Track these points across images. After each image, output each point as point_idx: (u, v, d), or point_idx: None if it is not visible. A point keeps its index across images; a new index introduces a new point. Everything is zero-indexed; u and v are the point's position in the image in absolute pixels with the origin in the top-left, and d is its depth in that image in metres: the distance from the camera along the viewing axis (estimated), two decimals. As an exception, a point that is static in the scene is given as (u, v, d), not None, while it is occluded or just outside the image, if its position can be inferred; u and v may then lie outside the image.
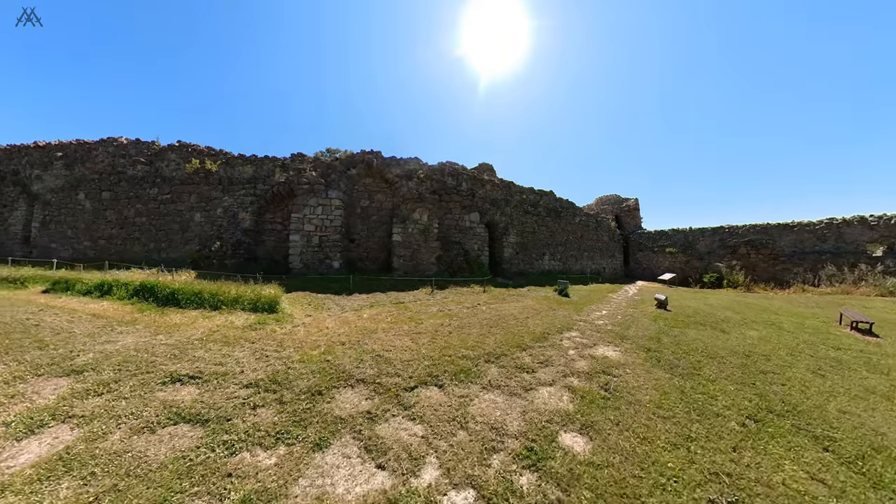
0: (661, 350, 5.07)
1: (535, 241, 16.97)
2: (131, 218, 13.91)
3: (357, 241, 12.20)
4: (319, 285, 9.46)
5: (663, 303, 8.82)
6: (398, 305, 7.66)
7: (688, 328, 6.59)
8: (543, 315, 7.41)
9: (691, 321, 7.29)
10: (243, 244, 11.85)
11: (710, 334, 6.20)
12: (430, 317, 6.68)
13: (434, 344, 4.91)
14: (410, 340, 5.03)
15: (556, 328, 6.19)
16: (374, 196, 12.37)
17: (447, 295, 9.26)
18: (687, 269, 20.16)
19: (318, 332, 5.55)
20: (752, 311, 9.04)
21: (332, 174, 11.67)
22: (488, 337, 5.40)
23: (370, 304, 7.74)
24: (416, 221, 11.15)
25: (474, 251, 13.40)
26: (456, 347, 4.76)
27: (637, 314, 8.03)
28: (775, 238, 18.81)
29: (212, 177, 13.32)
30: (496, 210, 14.88)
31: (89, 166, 14.63)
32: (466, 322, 6.30)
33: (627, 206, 23.49)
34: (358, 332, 5.46)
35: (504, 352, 4.70)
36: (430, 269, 11.19)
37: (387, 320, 6.32)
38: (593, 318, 7.41)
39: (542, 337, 5.59)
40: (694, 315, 8.01)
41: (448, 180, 13.52)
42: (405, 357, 4.34)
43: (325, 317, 6.71)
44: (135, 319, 6.63)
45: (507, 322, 6.46)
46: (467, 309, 7.66)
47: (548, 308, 8.30)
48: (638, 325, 6.71)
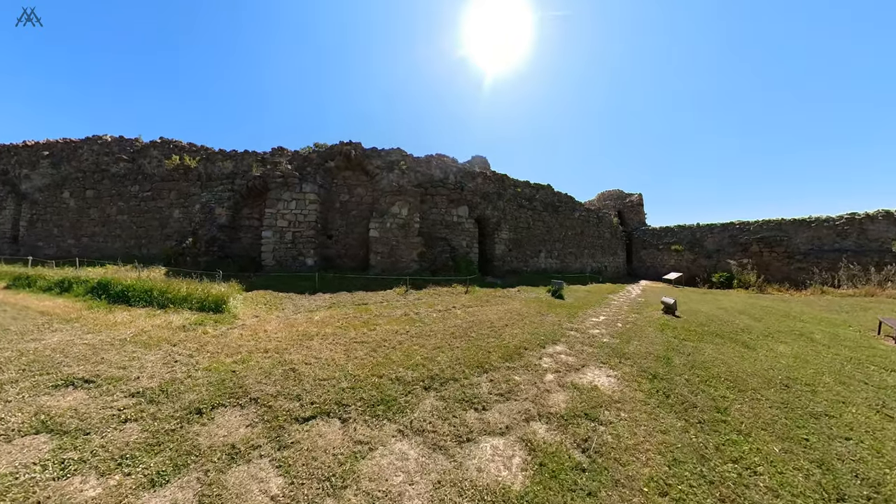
0: (671, 377, 3.90)
1: (531, 237, 16.14)
2: (113, 216, 13.73)
3: (335, 238, 11.66)
4: (287, 283, 8.97)
5: (671, 307, 7.78)
6: (359, 307, 7.04)
7: (703, 341, 5.50)
8: (528, 322, 6.44)
9: (706, 331, 6.17)
10: (218, 241, 11.42)
11: (733, 351, 5.03)
12: (389, 322, 5.99)
13: (370, 358, 4.16)
14: (344, 352, 4.36)
15: (538, 340, 5.22)
16: (354, 190, 11.81)
17: (422, 296, 8.47)
18: (694, 268, 19.03)
19: (250, 336, 5.00)
20: (773, 316, 7.97)
21: (308, 167, 11.16)
22: (445, 351, 4.47)
23: (329, 305, 7.17)
24: (395, 216, 10.49)
25: (462, 248, 12.71)
26: (395, 365, 3.97)
27: (640, 321, 7.00)
28: (790, 235, 17.55)
29: (191, 173, 13.01)
30: (487, 204, 14.12)
31: (75, 165, 14.53)
32: (428, 330, 5.50)
33: (631, 202, 22.30)
34: (293, 338, 4.92)
35: (456, 374, 3.76)
36: (411, 268, 10.53)
37: (336, 324, 5.71)
38: (587, 327, 6.40)
39: (517, 353, 4.56)
40: (708, 323, 6.92)
41: (435, 173, 12.88)
42: (323, 374, 3.66)
43: (272, 318, 6.23)
44: (79, 317, 6.40)
45: (478, 331, 5.57)
46: (438, 313, 6.86)
47: (535, 312, 7.39)
48: (641, 337, 5.63)
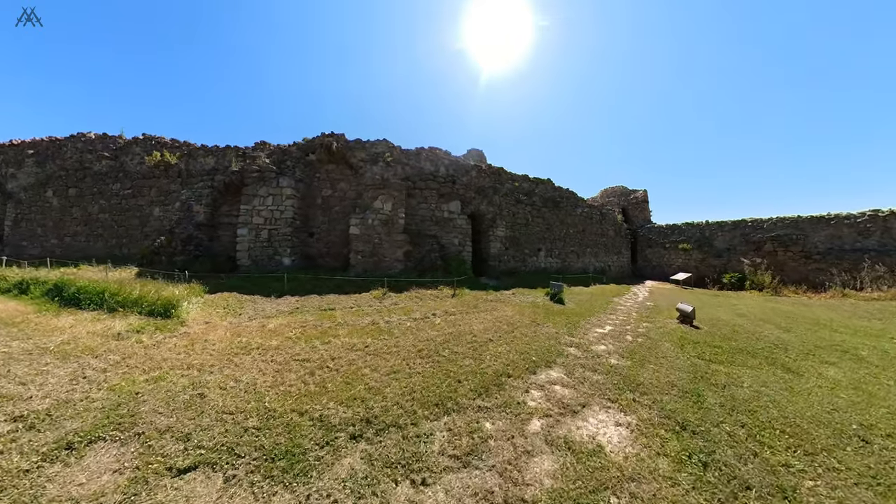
0: (707, 428, 2.72)
1: (529, 234, 15.29)
2: (95, 214, 13.36)
3: (317, 236, 11.05)
4: (258, 284, 8.40)
5: (688, 316, 6.66)
6: (324, 313, 6.37)
7: (735, 364, 4.41)
8: (518, 335, 5.37)
9: (735, 349, 5.07)
10: (195, 239, 10.91)
11: (776, 379, 3.92)
12: (350, 332, 5.21)
13: (301, 385, 3.36)
14: (275, 374, 3.63)
15: (527, 362, 4.14)
16: (338, 184, 11.19)
17: (401, 300, 7.66)
18: (703, 268, 17.98)
19: (183, 348, 4.46)
20: (801, 325, 6.90)
21: (287, 160, 10.58)
22: (400, 378, 3.53)
23: (292, 310, 6.54)
24: (378, 211, 9.80)
25: (454, 246, 11.98)
26: (328, 396, 3.11)
27: (654, 334, 5.90)
28: (807, 233, 16.39)
29: (171, 169, 12.55)
30: (482, 199, 13.33)
31: (59, 163, 14.22)
32: (393, 345, 4.62)
33: (635, 199, 21.23)
34: (227, 352, 4.33)
35: (403, 417, 2.77)
36: (395, 268, 9.84)
37: (287, 334, 5.06)
38: (591, 341, 5.32)
39: (496, 383, 3.49)
40: (734, 336, 5.82)
41: (425, 165, 12.18)
42: (232, 405, 2.95)
43: (223, 324, 5.69)
44: (22, 321, 5.98)
45: (454, 348, 4.58)
46: (413, 322, 5.97)
47: (529, 322, 6.31)
48: (658, 358, 4.54)
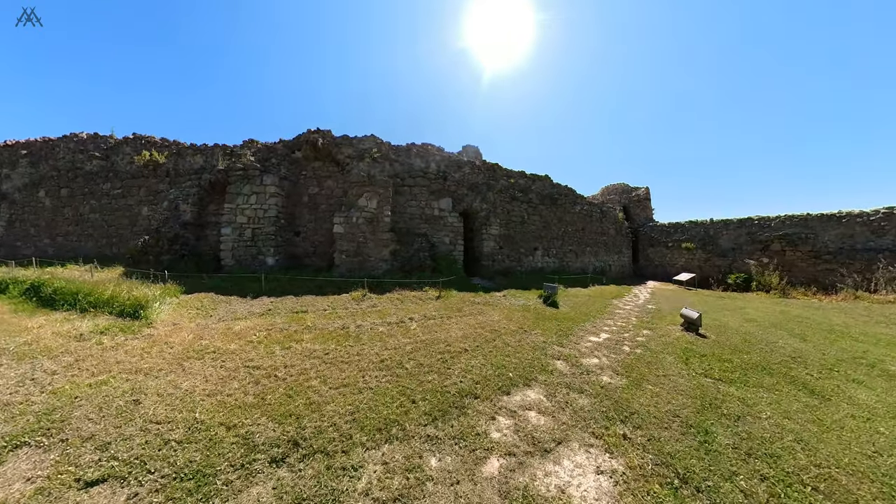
0: (715, 481, 2.19)
1: (525, 232, 14.83)
2: (86, 214, 13.35)
3: (304, 235, 10.81)
4: (238, 284, 8.21)
5: (694, 323, 6.04)
6: (295, 316, 6.15)
7: (749, 384, 3.84)
8: (500, 344, 4.93)
9: (748, 364, 4.49)
10: (181, 238, 10.75)
11: (800, 406, 3.32)
12: (315, 338, 4.98)
13: (240, 395, 3.18)
14: (218, 381, 3.50)
15: (502, 379, 3.64)
16: (324, 182, 10.94)
17: (381, 302, 7.30)
18: (706, 268, 17.38)
19: (141, 350, 4.36)
20: (816, 333, 6.35)
21: (272, 158, 10.36)
22: (348, 394, 3.15)
23: (264, 312, 6.34)
24: (363, 209, 9.51)
25: (444, 245, 11.66)
26: (263, 410, 2.90)
27: (655, 344, 5.39)
28: (817, 232, 15.67)
29: (160, 169, 12.45)
30: (475, 196, 12.92)
31: (52, 163, 14.23)
32: (355, 353, 4.30)
33: (637, 196, 20.59)
34: (181, 356, 4.17)
35: (335, 441, 2.45)
36: (380, 268, 9.54)
37: (249, 338, 4.88)
38: (582, 352, 4.80)
39: (458, 404, 3.03)
40: (745, 347, 5.27)
41: (415, 162, 11.87)
42: (163, 414, 2.84)
43: (190, 326, 5.48)
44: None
45: (421, 359, 4.19)
46: (386, 327, 5.62)
47: (516, 328, 5.88)
48: (658, 376, 3.99)
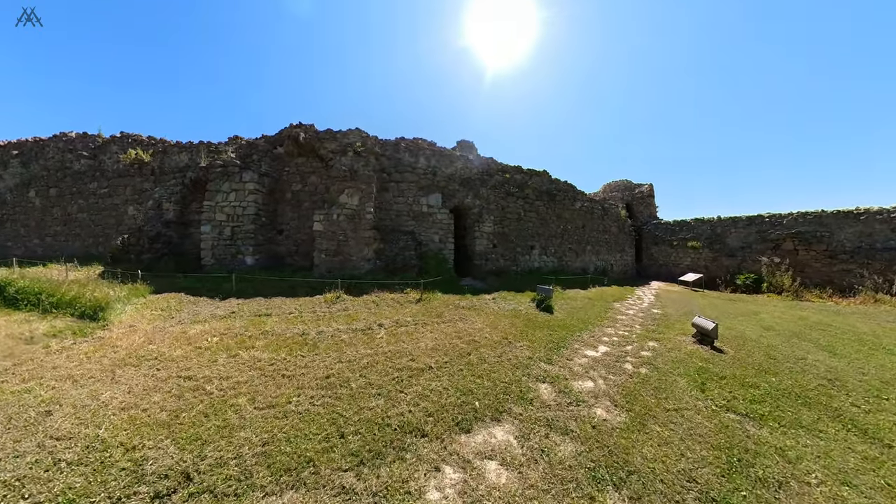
0: None
1: (521, 230, 14.18)
2: (74, 214, 13.24)
3: (286, 233, 10.45)
4: (212, 284, 7.95)
5: (709, 334, 5.34)
6: (258, 319, 5.81)
7: (784, 422, 3.08)
8: (474, 360, 4.23)
9: (778, 390, 3.74)
10: (163, 237, 10.49)
11: (857, 460, 2.65)
12: (269, 344, 4.66)
13: (158, 409, 3.00)
14: (142, 393, 3.33)
15: (465, 409, 2.95)
16: (308, 178, 10.57)
17: (353, 306, 6.74)
18: (713, 268, 16.59)
19: (85, 354, 4.19)
20: (845, 343, 5.70)
21: (254, 154, 10.02)
22: (270, 418, 2.80)
23: (228, 314, 6.02)
24: (344, 205, 9.08)
25: (433, 244, 11.19)
26: (175, 428, 2.71)
27: (664, 360, 4.65)
28: (832, 230, 14.73)
29: (145, 168, 12.25)
30: (468, 192, 12.28)
31: (42, 163, 14.18)
32: (302, 365, 3.96)
33: (640, 193, 19.77)
34: (121, 363, 3.98)
35: (231, 481, 2.11)
36: (362, 267, 9.10)
37: (201, 343, 4.63)
38: (574, 372, 4.06)
39: (398, 443, 2.44)
40: (771, 365, 4.51)
41: (404, 156, 11.41)
42: (68, 428, 2.69)
43: (147, 329, 5.27)
44: None
45: (372, 376, 3.67)
46: (350, 334, 5.08)
47: (500, 339, 5.13)
48: (668, 411, 3.23)
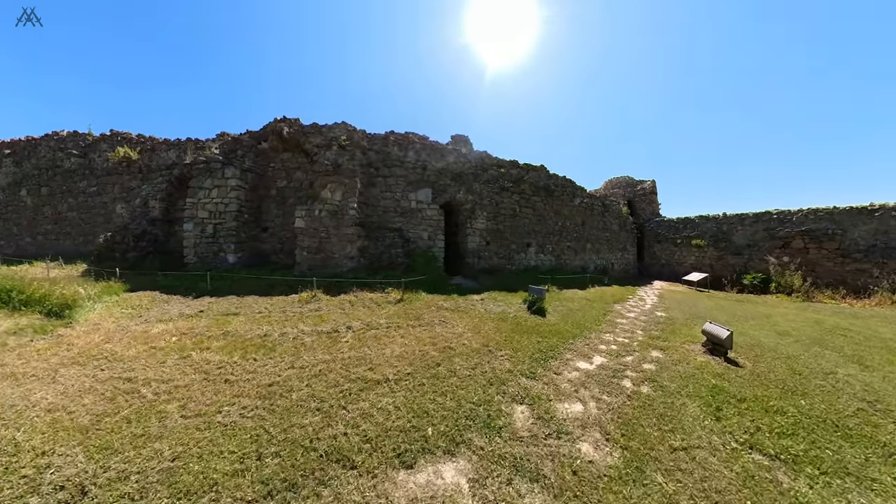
0: None
1: (516, 227, 13.55)
2: (64, 213, 13.20)
3: (271, 230, 10.20)
4: (190, 282, 7.84)
5: (721, 344, 4.70)
6: (224, 318, 5.56)
7: (823, 466, 2.48)
8: (443, 372, 3.77)
9: (811, 417, 3.14)
10: (148, 235, 10.32)
11: None
12: (226, 346, 4.44)
13: (85, 414, 2.83)
14: (75, 395, 3.19)
15: (412, 437, 2.57)
16: (293, 174, 10.31)
17: (327, 306, 6.32)
18: (719, 267, 16.00)
19: (38, 353, 4.13)
20: (874, 353, 5.12)
21: (238, 150, 9.79)
22: (191, 430, 2.57)
23: (195, 313, 5.81)
24: (326, 201, 8.78)
25: (422, 241, 10.83)
26: (93, 436, 2.50)
27: (670, 376, 3.97)
28: (845, 227, 14.00)
29: (133, 165, 12.11)
30: (459, 186, 11.77)
31: (34, 162, 14.17)
32: (251, 370, 3.73)
33: (642, 190, 19.14)
34: (69, 362, 3.85)
35: (117, 501, 1.95)
36: (345, 265, 8.80)
37: (158, 343, 4.53)
38: (561, 392, 3.44)
39: (317, 474, 2.17)
40: (796, 382, 3.91)
41: (393, 150, 11.05)
42: None
43: (111, 327, 5.15)
44: None
45: (318, 387, 3.31)
46: (313, 337, 4.75)
47: (480, 346, 4.64)
48: (673, 451, 2.59)
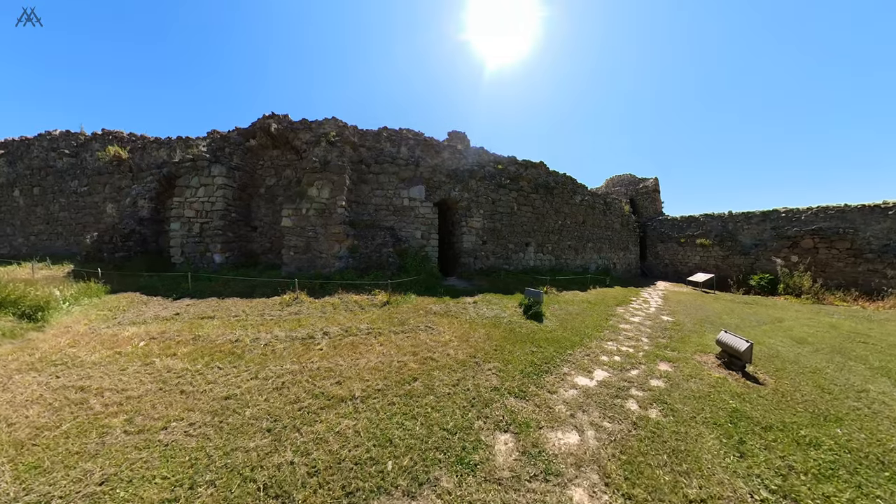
0: None
1: (514, 225, 13.04)
2: (56, 213, 13.10)
3: (261, 230, 9.95)
4: (173, 283, 7.63)
5: (740, 357, 4.20)
6: (198, 322, 5.35)
7: None
8: (421, 386, 3.44)
9: (851, 452, 2.68)
10: (136, 234, 10.12)
11: None
12: (193, 352, 4.30)
13: (24, 427, 2.72)
14: (20, 405, 3.12)
15: (368, 474, 2.23)
16: (283, 172, 10.06)
17: (308, 309, 6.00)
18: (724, 267, 15.52)
19: None
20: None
21: (226, 147, 9.55)
22: (130, 450, 2.48)
23: (170, 316, 5.60)
24: (313, 199, 8.51)
25: (415, 240, 10.53)
26: (21, 452, 2.41)
27: (679, 396, 3.52)
28: (857, 226, 13.44)
29: (123, 165, 11.94)
30: (455, 183, 11.38)
31: (27, 162, 14.07)
32: (209, 381, 3.58)
33: (645, 188, 18.67)
34: (26, 367, 3.81)
35: None
36: (333, 265, 8.51)
37: (125, 348, 4.44)
38: (554, 416, 3.03)
39: None
40: (827, 402, 3.50)
41: (385, 147, 10.76)
42: None
43: (83, 330, 5.04)
44: None
45: (274, 404, 3.09)
46: (286, 344, 4.52)
47: (467, 357, 4.25)
48: (698, 499, 2.13)
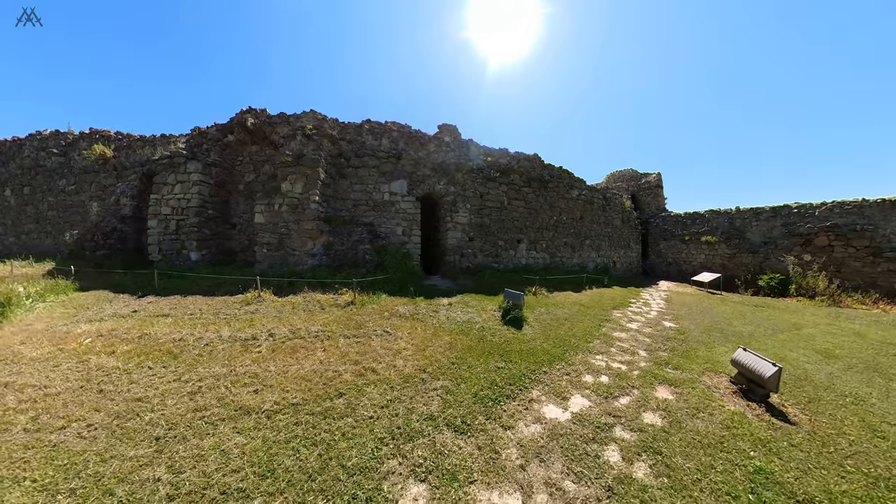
0: None
1: (504, 221, 12.32)
2: (45, 212, 13.15)
3: (239, 227, 9.72)
4: (143, 280, 7.49)
5: (763, 385, 3.48)
6: (151, 319, 5.24)
7: None
8: (343, 405, 3.02)
9: None
10: (117, 232, 10.01)
11: None
12: (133, 350, 4.26)
13: None
14: None
15: None
16: (261, 168, 9.80)
17: (266, 308, 5.71)
18: (731, 266, 14.74)
19: None
20: None
21: (204, 144, 9.34)
22: None
23: (128, 314, 5.51)
24: (286, 194, 8.22)
25: (395, 237, 10.11)
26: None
27: (682, 444, 2.72)
28: (876, 222, 12.40)
29: (108, 163, 11.88)
30: (440, 177, 10.81)
31: (18, 162, 14.17)
32: (128, 383, 3.39)
33: (647, 183, 17.89)
34: None
35: None
36: (307, 263, 8.18)
37: (70, 344, 4.30)
38: (498, 466, 2.38)
39: None
40: (884, 453, 2.72)
41: (367, 139, 10.40)
42: None
43: (40, 328, 4.99)
44: None
45: (176, 413, 2.86)
46: (227, 344, 4.34)
47: (415, 370, 3.71)
48: None
